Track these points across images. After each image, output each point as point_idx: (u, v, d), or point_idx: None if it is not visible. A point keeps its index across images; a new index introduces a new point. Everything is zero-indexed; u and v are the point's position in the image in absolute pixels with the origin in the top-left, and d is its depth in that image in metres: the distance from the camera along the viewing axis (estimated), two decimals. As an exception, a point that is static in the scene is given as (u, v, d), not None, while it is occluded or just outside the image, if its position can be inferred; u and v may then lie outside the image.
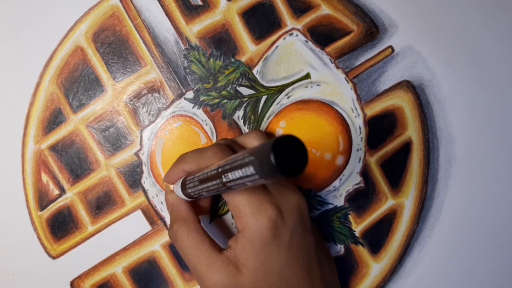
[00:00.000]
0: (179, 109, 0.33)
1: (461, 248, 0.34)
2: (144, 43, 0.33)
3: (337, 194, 0.34)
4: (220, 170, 0.22)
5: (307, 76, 0.33)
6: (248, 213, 0.25)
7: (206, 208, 0.31)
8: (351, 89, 0.33)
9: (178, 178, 0.30)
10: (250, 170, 0.18)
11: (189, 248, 0.27)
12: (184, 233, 0.27)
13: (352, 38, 0.33)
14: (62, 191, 0.33)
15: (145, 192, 0.33)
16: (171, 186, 0.31)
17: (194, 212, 0.29)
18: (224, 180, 0.21)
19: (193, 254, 0.27)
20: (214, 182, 0.23)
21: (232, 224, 0.34)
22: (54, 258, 0.34)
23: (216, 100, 0.33)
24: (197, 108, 0.33)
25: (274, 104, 0.33)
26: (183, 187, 0.28)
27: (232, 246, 0.26)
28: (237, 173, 0.20)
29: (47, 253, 0.34)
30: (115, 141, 0.33)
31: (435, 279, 0.35)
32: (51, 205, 0.34)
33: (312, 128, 0.33)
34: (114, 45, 0.33)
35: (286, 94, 0.33)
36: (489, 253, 0.34)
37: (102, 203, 0.33)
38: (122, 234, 0.34)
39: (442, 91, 0.33)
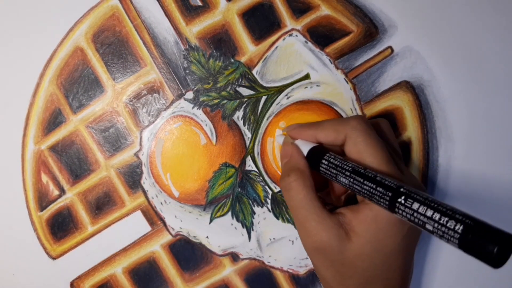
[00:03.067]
0: (178, 109, 0.33)
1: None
2: (144, 43, 0.33)
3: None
4: (403, 190, 0.21)
5: (307, 76, 0.33)
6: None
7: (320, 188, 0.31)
8: (351, 89, 0.33)
9: (304, 139, 0.29)
10: (455, 227, 0.17)
11: (303, 201, 0.26)
12: (300, 186, 0.27)
13: (352, 38, 0.33)
14: (62, 191, 0.34)
15: (144, 192, 0.33)
16: (289, 136, 0.30)
17: (310, 169, 0.28)
18: (399, 200, 0.20)
19: (305, 208, 0.26)
20: (378, 189, 0.22)
21: (232, 225, 0.34)
22: (54, 258, 0.34)
23: (216, 101, 0.33)
24: (197, 109, 0.33)
25: (274, 104, 0.33)
26: (315, 156, 0.27)
27: (347, 214, 0.26)
28: (429, 213, 0.19)
29: (47, 253, 0.34)
30: (115, 141, 0.33)
31: (435, 279, 0.35)
32: (51, 205, 0.34)
33: (312, 129, 0.33)
34: (114, 46, 0.33)
35: (286, 95, 0.33)
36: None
37: (102, 204, 0.33)
38: (122, 235, 0.34)
39: (442, 92, 0.33)
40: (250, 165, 0.34)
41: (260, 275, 0.34)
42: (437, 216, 0.18)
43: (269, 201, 0.34)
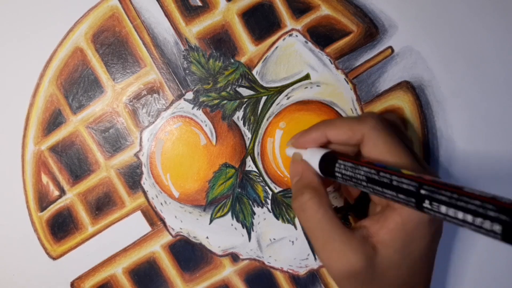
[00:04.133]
0: (178, 110, 0.33)
1: (460, 247, 0.34)
2: (144, 44, 0.33)
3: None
4: (424, 192, 0.19)
5: (307, 76, 0.33)
6: None
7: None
8: (351, 89, 0.33)
9: (313, 144, 0.27)
10: (493, 228, 0.16)
11: (322, 222, 0.24)
12: (316, 204, 0.25)
13: (352, 38, 0.33)
14: (62, 192, 0.34)
15: (145, 193, 0.33)
16: (298, 152, 0.28)
17: (324, 185, 0.26)
18: (425, 206, 0.19)
19: (325, 229, 0.24)
20: (400, 197, 0.20)
21: (232, 225, 0.34)
22: (54, 259, 0.34)
23: (216, 101, 0.33)
24: (197, 109, 0.33)
25: (274, 104, 0.33)
26: (327, 162, 0.25)
27: (371, 226, 0.24)
28: (460, 215, 0.17)
29: (48, 254, 0.34)
30: (114, 142, 0.33)
31: (435, 279, 0.35)
32: (51, 206, 0.34)
33: (312, 129, 0.33)
34: (114, 46, 0.33)
35: (286, 95, 0.33)
36: (488, 252, 0.34)
37: (102, 204, 0.34)
38: (122, 235, 0.34)
39: (442, 92, 0.33)
40: (250, 166, 0.34)
41: (260, 275, 0.34)
42: (469, 218, 0.17)
43: (269, 201, 0.34)
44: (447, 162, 0.34)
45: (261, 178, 0.34)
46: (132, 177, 0.33)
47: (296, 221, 0.34)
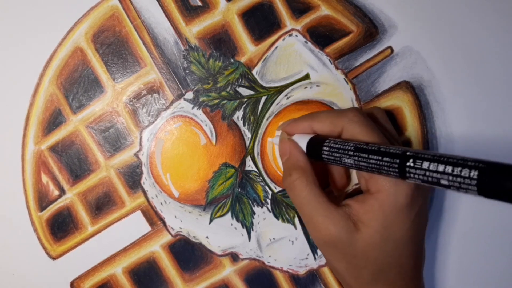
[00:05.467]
0: (178, 109, 0.33)
1: (459, 247, 0.34)
2: (144, 44, 0.33)
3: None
4: (410, 153, 0.20)
5: (307, 76, 0.33)
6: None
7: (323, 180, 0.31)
8: (351, 89, 0.33)
9: (300, 133, 0.29)
10: (470, 174, 0.17)
11: (307, 198, 0.27)
12: (302, 183, 0.27)
13: (352, 38, 0.33)
14: (62, 191, 0.34)
15: (144, 193, 0.33)
16: (287, 135, 0.30)
17: (311, 164, 0.28)
18: (409, 164, 0.20)
19: (311, 204, 0.27)
20: (385, 160, 0.22)
21: (231, 225, 0.34)
22: (54, 258, 0.34)
23: (216, 101, 0.33)
24: (197, 109, 0.33)
25: (274, 104, 0.33)
26: (315, 145, 0.27)
27: (353, 205, 0.26)
28: (441, 167, 0.18)
29: (47, 253, 0.34)
30: (114, 142, 0.33)
31: (435, 278, 0.35)
32: (51, 205, 0.34)
33: (312, 129, 0.33)
34: (114, 46, 0.33)
35: (286, 95, 0.33)
36: (488, 251, 0.34)
37: (102, 204, 0.34)
38: (122, 235, 0.34)
39: (442, 92, 0.33)
40: (250, 165, 0.34)
41: (260, 275, 0.34)
42: (449, 168, 0.18)
43: (269, 201, 0.34)
44: (446, 162, 0.34)
45: (261, 178, 0.34)
46: (132, 176, 0.33)
47: (296, 221, 0.34)
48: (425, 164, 0.19)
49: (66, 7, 0.33)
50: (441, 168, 0.19)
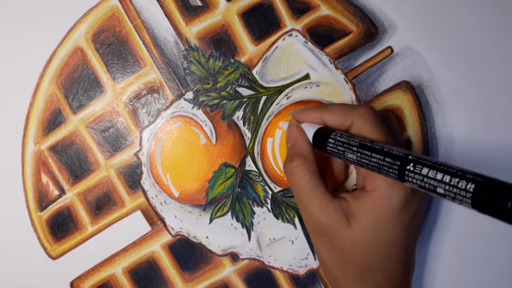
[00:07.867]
0: (178, 109, 0.33)
1: (459, 247, 0.34)
2: (144, 44, 0.33)
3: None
4: (412, 157, 0.21)
5: (307, 76, 0.33)
6: (386, 177, 0.24)
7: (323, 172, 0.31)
8: (351, 89, 0.33)
9: (310, 122, 0.29)
10: (466, 186, 0.17)
11: (305, 186, 0.27)
12: (303, 171, 0.27)
13: (352, 38, 0.33)
14: (62, 191, 0.34)
15: (144, 192, 0.34)
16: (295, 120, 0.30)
17: (314, 153, 0.28)
18: (409, 167, 0.20)
19: (308, 193, 0.27)
20: (386, 160, 0.22)
21: (231, 225, 0.34)
22: (54, 258, 0.34)
23: (216, 101, 0.33)
24: (197, 109, 0.33)
25: (274, 104, 0.33)
26: (321, 136, 0.27)
27: (349, 199, 0.26)
28: (439, 176, 0.19)
29: (47, 253, 0.34)
30: (114, 141, 0.33)
31: (435, 277, 0.35)
32: (51, 205, 0.34)
33: (312, 129, 0.33)
34: (114, 46, 0.33)
35: (286, 95, 0.33)
36: (487, 251, 0.34)
37: (102, 204, 0.34)
38: (122, 235, 0.34)
39: (441, 92, 0.33)
40: (250, 165, 0.34)
41: (260, 275, 0.34)
42: (447, 178, 0.18)
43: (269, 201, 0.34)
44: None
45: (261, 178, 0.34)
46: (132, 176, 0.33)
47: (296, 221, 0.34)
48: (425, 170, 0.20)
49: (66, 7, 0.33)
50: (439, 176, 0.19)
